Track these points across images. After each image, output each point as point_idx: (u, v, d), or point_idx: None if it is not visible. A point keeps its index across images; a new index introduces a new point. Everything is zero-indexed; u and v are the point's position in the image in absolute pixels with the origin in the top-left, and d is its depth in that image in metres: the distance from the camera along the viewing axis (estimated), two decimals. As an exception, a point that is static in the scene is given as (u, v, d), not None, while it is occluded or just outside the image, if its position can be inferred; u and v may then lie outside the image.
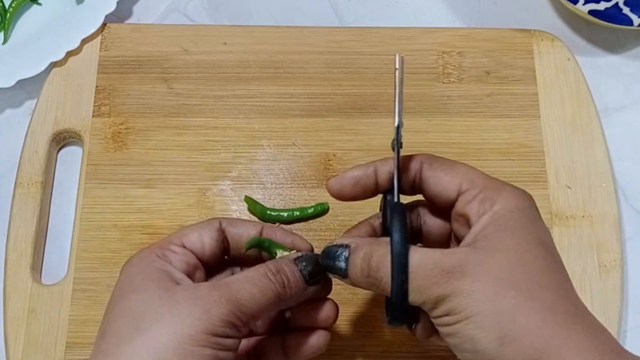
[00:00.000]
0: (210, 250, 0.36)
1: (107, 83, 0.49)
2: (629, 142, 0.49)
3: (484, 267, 0.30)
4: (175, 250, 0.35)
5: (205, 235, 0.36)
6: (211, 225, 0.36)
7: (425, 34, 0.51)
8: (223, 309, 0.30)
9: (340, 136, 0.48)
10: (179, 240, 0.35)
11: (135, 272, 0.33)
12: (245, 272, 0.33)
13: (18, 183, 0.46)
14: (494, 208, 0.32)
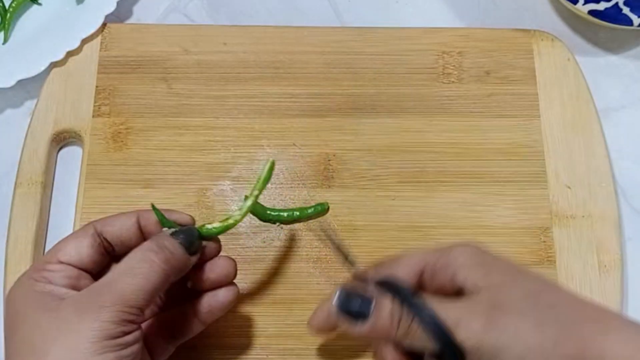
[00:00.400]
0: (89, 257, 0.35)
1: (107, 83, 0.49)
2: (629, 142, 0.49)
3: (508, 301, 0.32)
4: (51, 268, 0.34)
5: (81, 245, 0.35)
6: (85, 232, 0.35)
7: (425, 34, 0.51)
8: (111, 311, 0.30)
9: (340, 136, 0.48)
10: (53, 258, 0.34)
11: (19, 304, 0.32)
12: (123, 263, 0.33)
13: (18, 183, 0.46)
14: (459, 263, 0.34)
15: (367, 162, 0.47)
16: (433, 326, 0.31)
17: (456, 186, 0.46)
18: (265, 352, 0.42)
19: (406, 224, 0.45)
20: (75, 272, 0.34)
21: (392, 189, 0.46)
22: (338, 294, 0.33)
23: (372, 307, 0.32)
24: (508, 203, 0.46)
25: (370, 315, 0.32)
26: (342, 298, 0.33)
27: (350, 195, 0.46)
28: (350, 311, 0.32)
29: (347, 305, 0.33)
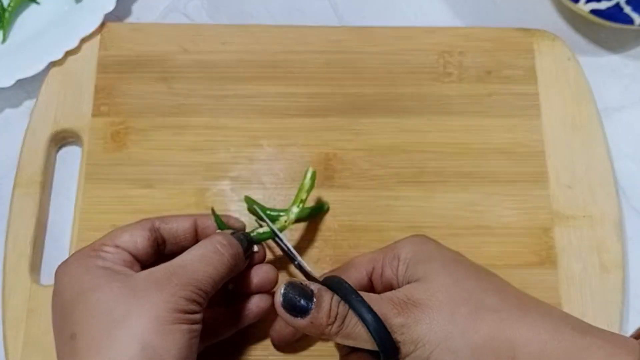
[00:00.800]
0: (143, 249, 0.36)
1: (107, 83, 0.49)
2: (629, 141, 0.49)
3: (428, 293, 0.33)
4: (108, 250, 0.35)
5: (137, 235, 0.36)
6: (142, 225, 0.37)
7: (425, 34, 0.51)
8: (185, 289, 0.33)
9: (340, 136, 0.48)
10: (111, 242, 0.36)
11: (80, 273, 0.33)
12: (194, 251, 0.35)
13: (17, 183, 0.46)
14: (402, 257, 0.36)
15: (367, 162, 0.47)
16: (370, 322, 0.32)
17: (456, 186, 0.46)
18: (265, 352, 0.42)
19: (406, 224, 0.45)
20: (130, 258, 0.36)
21: (392, 189, 0.46)
22: (283, 287, 0.33)
23: (313, 303, 0.33)
24: (508, 203, 0.46)
25: (310, 310, 0.33)
26: (286, 292, 0.33)
27: (350, 195, 0.46)
28: (292, 305, 0.33)
29: (290, 299, 0.33)
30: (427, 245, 0.37)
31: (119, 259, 0.35)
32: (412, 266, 0.35)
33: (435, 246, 0.37)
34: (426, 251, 0.36)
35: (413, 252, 0.36)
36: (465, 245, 0.45)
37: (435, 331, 0.32)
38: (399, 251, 0.37)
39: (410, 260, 0.36)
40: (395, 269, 0.36)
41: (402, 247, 0.37)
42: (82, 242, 0.44)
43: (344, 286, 0.34)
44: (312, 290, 0.33)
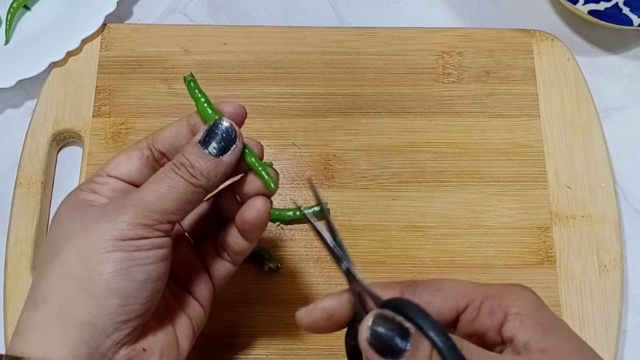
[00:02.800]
0: (137, 171, 0.34)
1: (107, 83, 0.49)
2: (629, 142, 0.49)
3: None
4: (98, 181, 0.34)
5: (130, 157, 0.34)
6: (136, 145, 0.35)
7: (425, 34, 0.51)
8: (129, 213, 0.30)
9: (340, 136, 0.48)
10: (103, 171, 0.34)
11: (60, 210, 0.33)
12: (155, 174, 0.32)
13: (18, 183, 0.46)
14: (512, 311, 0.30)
15: (367, 162, 0.47)
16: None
17: (456, 186, 0.46)
18: (265, 352, 0.42)
19: (406, 224, 0.46)
20: (122, 185, 0.34)
21: (392, 189, 0.46)
22: (372, 319, 0.27)
23: (409, 346, 0.26)
24: (508, 203, 0.46)
25: (405, 354, 0.26)
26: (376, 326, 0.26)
27: (350, 195, 0.46)
28: (384, 343, 0.26)
29: (381, 335, 0.26)
30: (544, 308, 0.31)
31: (107, 190, 0.34)
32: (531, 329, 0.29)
33: (552, 312, 0.31)
34: (546, 316, 0.30)
35: (528, 310, 0.30)
36: (465, 245, 0.45)
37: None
38: (508, 302, 0.30)
39: (526, 320, 0.29)
40: (499, 322, 0.30)
41: (514, 299, 0.30)
42: (82, 241, 0.45)
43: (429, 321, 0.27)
44: (409, 327, 0.26)
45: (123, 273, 0.30)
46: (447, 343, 0.26)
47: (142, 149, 0.34)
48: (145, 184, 0.32)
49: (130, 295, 0.30)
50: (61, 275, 0.30)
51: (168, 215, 0.31)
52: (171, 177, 0.31)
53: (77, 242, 0.30)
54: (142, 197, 0.31)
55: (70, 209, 0.33)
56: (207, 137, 0.32)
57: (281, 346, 0.42)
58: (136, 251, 0.30)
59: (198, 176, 0.32)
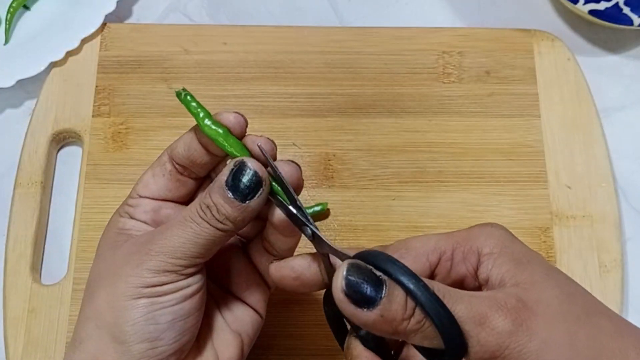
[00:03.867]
0: (164, 187, 0.34)
1: (107, 83, 0.49)
2: (629, 142, 0.49)
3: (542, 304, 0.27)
4: (131, 203, 0.34)
5: (154, 174, 0.34)
6: (159, 160, 0.34)
7: (425, 34, 0.51)
8: (154, 260, 0.30)
9: (340, 136, 0.48)
10: (134, 192, 0.34)
11: (101, 241, 0.34)
12: (181, 214, 0.31)
13: (18, 183, 0.46)
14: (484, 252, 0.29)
15: (367, 162, 0.47)
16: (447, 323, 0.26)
17: (456, 186, 0.46)
18: (265, 352, 0.42)
19: (406, 224, 0.45)
20: (153, 205, 0.34)
21: (392, 189, 0.46)
22: (345, 269, 0.26)
23: (385, 292, 0.26)
24: (508, 203, 0.46)
25: (381, 302, 0.25)
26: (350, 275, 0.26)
27: (350, 195, 0.46)
28: (358, 292, 0.26)
29: (355, 284, 0.26)
30: (516, 242, 0.30)
31: (141, 212, 0.33)
32: (504, 265, 0.29)
33: (523, 245, 0.30)
34: (517, 251, 0.30)
35: (500, 248, 0.29)
36: (465, 245, 0.45)
37: (553, 353, 0.26)
38: (478, 244, 0.30)
39: (499, 256, 0.29)
40: (474, 266, 0.30)
41: (484, 240, 0.30)
42: (82, 242, 0.45)
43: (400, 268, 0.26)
44: (381, 275, 0.26)
45: (148, 318, 0.30)
46: (419, 287, 0.26)
47: (163, 164, 0.34)
48: (171, 226, 0.31)
49: (157, 337, 0.30)
50: (93, 321, 0.31)
51: (193, 260, 0.31)
52: (197, 222, 0.30)
53: (106, 288, 0.31)
54: (166, 243, 0.30)
55: (108, 242, 0.33)
56: (233, 180, 0.30)
57: (281, 346, 0.42)
58: (161, 296, 0.30)
59: (224, 221, 0.30)
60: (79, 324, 0.32)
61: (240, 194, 0.30)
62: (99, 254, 0.33)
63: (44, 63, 0.49)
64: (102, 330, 0.30)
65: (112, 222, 0.34)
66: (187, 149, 0.33)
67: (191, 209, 0.31)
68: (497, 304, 0.26)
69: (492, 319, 0.26)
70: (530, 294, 0.27)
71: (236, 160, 0.30)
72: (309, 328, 0.43)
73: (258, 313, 0.36)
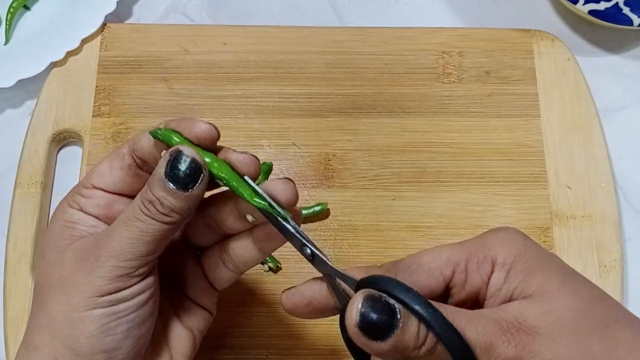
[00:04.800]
0: (120, 180, 0.32)
1: (107, 83, 0.49)
2: (629, 142, 0.49)
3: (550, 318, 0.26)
4: (84, 193, 0.32)
5: (112, 166, 0.32)
6: (117, 151, 0.32)
7: (425, 34, 0.51)
8: (105, 266, 0.29)
9: (340, 136, 0.48)
10: (88, 181, 0.32)
11: (50, 227, 0.32)
12: (124, 213, 0.30)
13: (18, 183, 0.46)
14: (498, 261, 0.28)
15: (367, 162, 0.47)
16: (460, 348, 0.25)
17: (456, 186, 0.46)
18: (265, 352, 0.42)
19: (406, 224, 0.45)
20: (107, 199, 0.32)
21: (392, 189, 0.46)
22: (360, 302, 0.26)
23: (399, 322, 0.25)
24: (508, 203, 0.46)
25: (394, 333, 0.25)
26: (366, 309, 0.25)
27: (350, 195, 0.46)
28: (373, 326, 0.25)
29: (371, 319, 0.25)
30: (531, 247, 0.29)
31: (92, 206, 0.32)
32: (517, 276, 0.28)
33: (540, 250, 0.29)
34: (533, 257, 0.28)
35: (515, 255, 0.28)
36: (465, 245, 0.45)
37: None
38: (492, 252, 0.28)
39: (513, 266, 0.28)
40: (487, 277, 0.28)
41: (498, 247, 0.29)
42: (82, 242, 0.45)
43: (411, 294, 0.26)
44: (395, 305, 0.26)
45: (104, 330, 0.29)
46: (431, 313, 0.26)
47: (122, 157, 0.32)
48: (116, 227, 0.30)
49: (115, 347, 0.30)
50: (48, 330, 0.30)
51: (144, 258, 0.30)
52: (141, 219, 0.29)
53: (58, 297, 0.30)
54: (114, 246, 0.29)
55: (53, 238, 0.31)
56: (172, 170, 0.29)
57: (281, 346, 0.42)
58: (116, 304, 0.29)
59: (170, 214, 0.29)
60: (32, 329, 0.30)
61: (182, 183, 0.29)
62: (44, 253, 0.32)
63: (44, 63, 0.49)
64: (57, 340, 0.29)
65: (59, 212, 0.32)
66: (153, 144, 0.31)
67: (133, 207, 0.30)
68: (501, 328, 0.26)
69: (497, 345, 0.26)
70: (537, 308, 0.27)
71: (171, 150, 0.29)
72: (309, 328, 0.43)
73: (208, 310, 0.36)
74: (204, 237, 0.34)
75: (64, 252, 0.31)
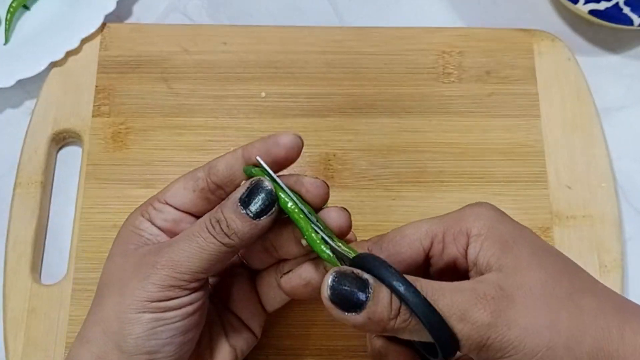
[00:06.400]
0: (190, 201, 0.34)
1: (107, 83, 0.49)
2: (629, 142, 0.49)
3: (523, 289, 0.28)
4: (156, 207, 0.34)
5: (185, 187, 0.34)
6: (193, 174, 0.35)
7: (425, 34, 0.51)
8: (159, 274, 0.31)
9: (340, 136, 0.48)
10: (162, 196, 0.35)
11: (120, 231, 0.35)
12: (189, 228, 0.32)
13: (18, 183, 0.46)
14: (473, 233, 0.30)
15: (367, 162, 0.47)
16: (431, 319, 0.27)
17: (456, 186, 0.46)
18: (265, 352, 0.42)
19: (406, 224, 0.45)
20: (175, 216, 0.34)
21: (392, 189, 0.46)
22: (331, 277, 0.28)
23: (370, 295, 0.27)
24: (508, 203, 0.46)
25: (367, 305, 0.27)
26: (336, 283, 0.28)
27: (350, 195, 0.46)
28: (345, 298, 0.27)
29: (341, 291, 0.27)
30: (505, 222, 0.31)
31: (161, 219, 0.34)
32: (490, 248, 0.29)
33: (512, 224, 0.31)
34: (505, 231, 0.30)
35: (488, 228, 0.30)
36: (465, 245, 0.45)
37: (534, 338, 0.27)
38: (468, 225, 0.30)
39: (486, 239, 0.30)
40: (464, 248, 0.30)
41: (473, 220, 0.30)
42: (82, 242, 0.45)
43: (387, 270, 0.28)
44: (367, 279, 0.27)
45: (150, 334, 0.31)
46: (404, 286, 0.27)
47: (197, 180, 0.34)
48: (177, 239, 0.32)
49: (157, 351, 0.32)
50: (100, 327, 0.32)
51: (197, 275, 0.31)
52: (203, 236, 0.31)
53: (114, 297, 0.32)
54: (172, 257, 0.31)
55: (121, 240, 0.34)
56: (247, 197, 0.31)
57: (281, 346, 0.42)
58: (164, 312, 0.31)
59: (232, 236, 0.31)
60: (88, 324, 0.33)
61: (253, 211, 0.31)
62: (112, 253, 0.34)
63: (44, 63, 0.49)
64: (107, 336, 0.31)
65: (132, 218, 0.35)
66: (229, 168, 0.34)
67: (199, 224, 0.32)
68: (477, 296, 0.28)
69: (472, 312, 0.27)
70: (512, 279, 0.28)
71: (253, 180, 0.32)
72: (309, 328, 0.43)
73: (254, 333, 0.37)
74: (261, 259, 0.37)
75: (129, 256, 0.33)
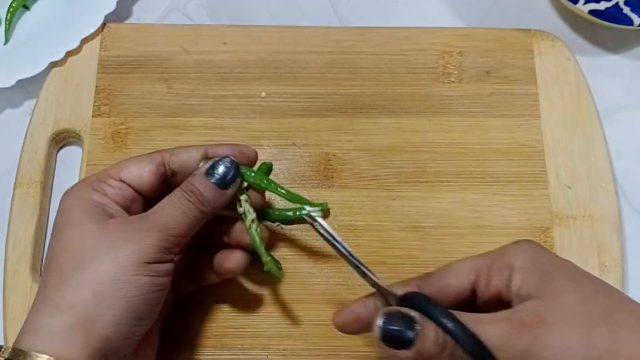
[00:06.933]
0: (149, 183, 0.37)
1: (107, 83, 0.49)
2: (629, 142, 0.49)
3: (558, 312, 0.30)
4: (111, 184, 0.36)
5: (144, 169, 0.37)
6: (151, 158, 0.37)
7: (425, 34, 0.51)
8: (154, 236, 0.33)
9: (340, 136, 0.48)
10: (116, 174, 0.36)
11: (72, 205, 0.35)
12: (167, 198, 0.35)
13: (18, 183, 0.46)
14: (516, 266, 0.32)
15: (367, 162, 0.47)
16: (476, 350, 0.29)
17: (456, 186, 0.46)
18: (265, 352, 0.42)
19: (406, 224, 0.45)
20: (131, 194, 0.37)
21: (392, 189, 0.46)
22: (381, 318, 0.30)
23: (417, 332, 0.30)
24: (508, 203, 0.46)
25: (415, 341, 0.30)
26: (386, 324, 0.30)
27: (350, 195, 0.46)
28: (394, 338, 0.30)
29: (391, 332, 0.30)
30: (544, 255, 0.33)
31: (117, 195, 0.36)
32: (532, 278, 0.31)
33: (553, 256, 0.33)
34: (545, 262, 0.32)
35: (529, 261, 0.32)
36: (465, 245, 0.45)
37: (568, 355, 0.29)
38: (510, 259, 0.32)
39: (528, 270, 0.32)
40: (507, 280, 0.32)
41: (515, 254, 0.33)
42: (82, 242, 0.44)
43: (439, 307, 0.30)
44: (414, 317, 0.30)
45: (143, 299, 0.33)
46: (451, 321, 0.29)
47: (156, 164, 0.37)
48: (161, 207, 0.35)
49: (143, 317, 0.33)
50: (90, 289, 0.32)
51: (181, 238, 0.35)
52: (184, 203, 0.35)
53: (104, 260, 0.33)
54: (162, 220, 0.34)
55: (86, 212, 0.34)
56: (212, 170, 0.36)
57: (281, 346, 0.42)
58: (156, 277, 0.33)
59: (206, 204, 0.35)
60: (66, 289, 0.32)
61: (221, 182, 0.36)
62: (76, 223, 0.34)
63: (44, 63, 0.49)
64: (98, 298, 0.32)
65: (83, 193, 0.35)
66: (192, 160, 0.37)
67: (176, 194, 0.35)
68: (513, 324, 0.29)
69: (509, 341, 0.29)
70: (549, 304, 0.30)
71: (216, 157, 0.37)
72: (309, 328, 0.43)
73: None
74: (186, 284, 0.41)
75: (105, 224, 0.34)
